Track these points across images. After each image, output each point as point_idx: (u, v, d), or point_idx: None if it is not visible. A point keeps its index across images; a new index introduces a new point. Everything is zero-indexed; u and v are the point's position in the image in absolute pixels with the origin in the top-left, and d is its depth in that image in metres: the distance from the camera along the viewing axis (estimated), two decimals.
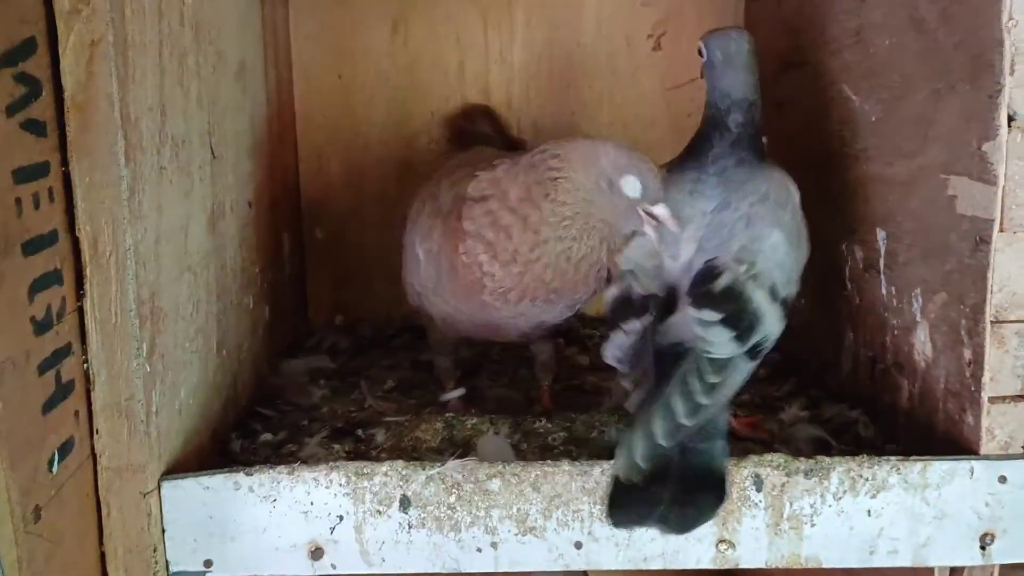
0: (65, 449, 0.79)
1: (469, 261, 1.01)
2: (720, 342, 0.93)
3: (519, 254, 0.99)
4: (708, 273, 0.97)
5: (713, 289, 0.95)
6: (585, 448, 1.06)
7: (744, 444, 1.03)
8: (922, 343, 0.97)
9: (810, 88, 1.25)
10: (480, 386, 1.29)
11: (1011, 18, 0.82)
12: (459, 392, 1.23)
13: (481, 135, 1.40)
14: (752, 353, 0.95)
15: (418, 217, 1.13)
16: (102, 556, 0.86)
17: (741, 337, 0.93)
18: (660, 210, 0.98)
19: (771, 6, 1.40)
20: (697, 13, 1.53)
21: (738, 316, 0.94)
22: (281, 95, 1.43)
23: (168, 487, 0.88)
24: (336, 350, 1.46)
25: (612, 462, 0.90)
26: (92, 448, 0.84)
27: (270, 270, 1.33)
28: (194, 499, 0.89)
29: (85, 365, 0.83)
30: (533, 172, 1.00)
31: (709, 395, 0.90)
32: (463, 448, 1.06)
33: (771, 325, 0.96)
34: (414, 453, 1.07)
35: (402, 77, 1.54)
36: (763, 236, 0.98)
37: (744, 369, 0.94)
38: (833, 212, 1.16)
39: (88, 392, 0.83)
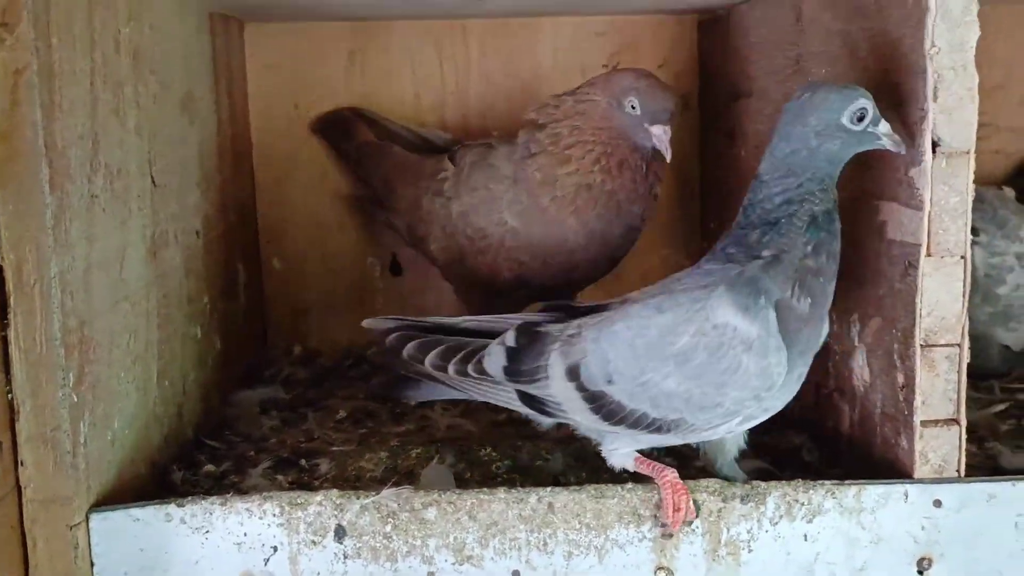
0: None
1: (541, 176, 1.22)
2: (498, 371, 0.97)
3: (572, 158, 1.21)
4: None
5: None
6: (529, 476, 1.06)
7: (687, 472, 1.03)
8: (860, 367, 0.98)
9: (758, 116, 1.26)
10: (432, 415, 1.28)
11: (933, 45, 0.83)
12: None
13: (366, 146, 1.46)
14: (531, 403, 0.96)
15: (474, 178, 1.28)
16: None
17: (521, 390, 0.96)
18: (657, 130, 1.17)
19: (721, 36, 1.41)
20: (651, 43, 1.55)
21: (521, 372, 0.96)
22: (235, 124, 1.43)
23: (97, 519, 0.87)
24: (293, 380, 1.46)
25: (550, 488, 0.90)
26: (17, 480, 0.83)
27: (222, 300, 1.32)
28: (124, 531, 0.87)
29: (9, 395, 0.82)
30: (575, 98, 1.23)
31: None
32: (406, 477, 1.06)
33: (566, 401, 0.93)
34: (357, 483, 1.06)
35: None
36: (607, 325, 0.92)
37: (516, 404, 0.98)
38: None
39: (13, 423, 0.82)
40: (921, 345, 0.86)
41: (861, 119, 0.87)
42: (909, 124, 0.86)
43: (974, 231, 1.04)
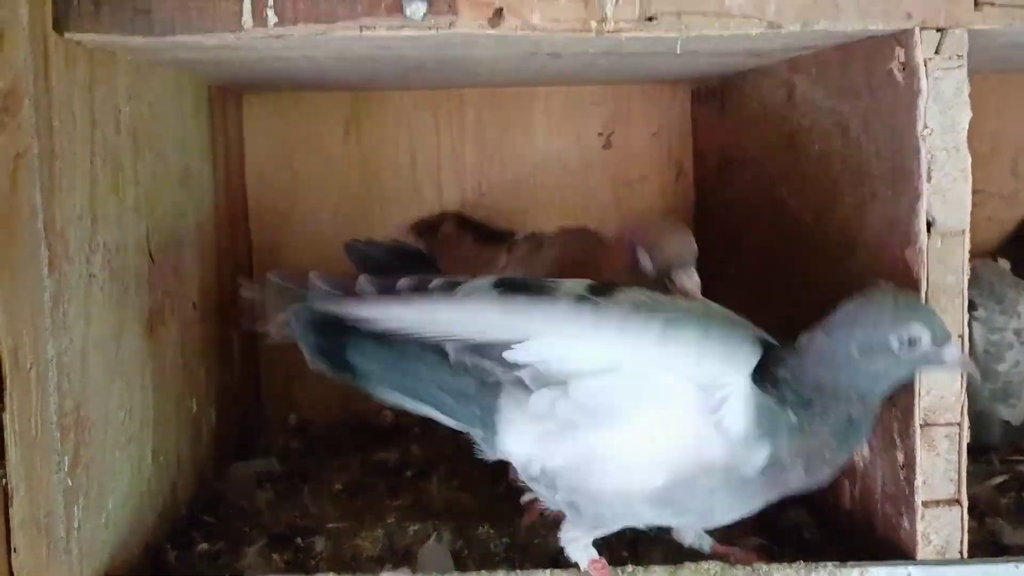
0: None
1: None
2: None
3: None
4: None
5: None
6: (528, 555, 1.04)
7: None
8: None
9: (751, 186, 1.27)
10: (429, 488, 1.26)
11: (926, 127, 0.84)
12: None
13: (445, 237, 1.45)
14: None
15: None
16: None
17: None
18: (681, 277, 1.04)
19: (715, 107, 1.43)
20: (645, 112, 1.57)
21: None
22: (232, 194, 1.44)
23: None
24: (287, 451, 1.44)
25: (549, 570, 0.89)
26: (9, 566, 0.82)
27: (217, 371, 1.31)
28: None
29: (3, 480, 0.81)
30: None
31: None
32: (403, 557, 1.04)
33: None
34: (353, 562, 1.04)
35: (355, 174, 1.56)
36: None
37: None
38: (776, 312, 1.16)
39: (6, 507, 0.81)
40: (920, 424, 0.86)
41: (912, 345, 0.78)
42: (903, 204, 0.87)
43: (973, 306, 1.05)
